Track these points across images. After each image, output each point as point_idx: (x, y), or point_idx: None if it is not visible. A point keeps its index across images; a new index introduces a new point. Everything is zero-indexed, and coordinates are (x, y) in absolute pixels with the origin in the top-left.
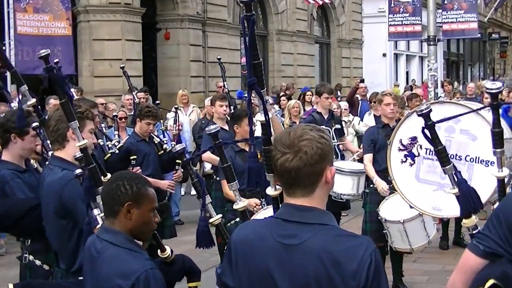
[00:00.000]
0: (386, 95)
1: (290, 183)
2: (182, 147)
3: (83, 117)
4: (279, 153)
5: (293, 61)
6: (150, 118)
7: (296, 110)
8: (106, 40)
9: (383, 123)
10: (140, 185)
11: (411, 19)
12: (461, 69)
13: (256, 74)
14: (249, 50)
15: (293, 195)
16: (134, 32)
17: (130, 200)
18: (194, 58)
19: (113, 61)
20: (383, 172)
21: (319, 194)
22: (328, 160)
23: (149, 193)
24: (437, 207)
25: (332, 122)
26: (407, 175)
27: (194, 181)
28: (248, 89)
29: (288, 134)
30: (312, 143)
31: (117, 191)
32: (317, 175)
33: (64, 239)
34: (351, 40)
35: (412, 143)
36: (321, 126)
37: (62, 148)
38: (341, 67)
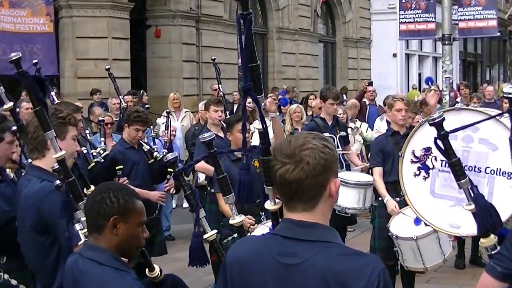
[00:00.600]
0: (398, 100)
1: (290, 196)
2: (174, 156)
3: (65, 122)
4: (279, 163)
5: (295, 61)
6: (139, 123)
7: (298, 115)
8: (90, 38)
9: (393, 130)
10: (127, 197)
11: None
12: (479, 70)
13: (253, 78)
14: (246, 52)
15: (294, 210)
16: (122, 29)
17: (116, 214)
18: (187, 58)
19: (98, 61)
20: (392, 184)
21: (322, 209)
22: (332, 171)
23: (137, 206)
24: (455, 224)
25: (337, 129)
26: (421, 190)
27: (187, 193)
28: (243, 95)
29: (289, 142)
30: (315, 152)
31: (102, 204)
32: (320, 188)
33: (42, 257)
34: (359, 39)
35: (426, 155)
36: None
37: (41, 157)
38: (347, 69)
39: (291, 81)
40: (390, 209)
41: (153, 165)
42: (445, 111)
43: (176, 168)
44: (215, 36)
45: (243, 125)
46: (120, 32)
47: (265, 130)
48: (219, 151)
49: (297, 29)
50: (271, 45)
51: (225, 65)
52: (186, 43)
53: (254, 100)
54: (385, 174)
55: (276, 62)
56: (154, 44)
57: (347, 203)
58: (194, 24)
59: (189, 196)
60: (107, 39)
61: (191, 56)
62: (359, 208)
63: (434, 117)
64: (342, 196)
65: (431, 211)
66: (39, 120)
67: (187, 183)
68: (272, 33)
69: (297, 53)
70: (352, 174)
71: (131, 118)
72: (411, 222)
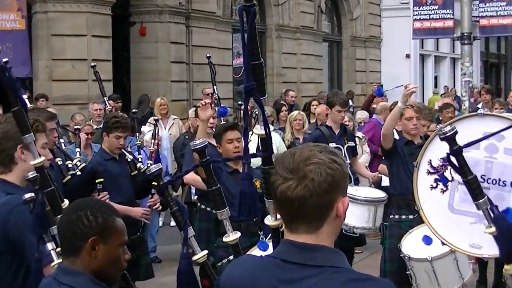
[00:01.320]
0: (408, 107)
1: (292, 216)
2: (158, 168)
3: (32, 130)
4: (280, 178)
5: (297, 63)
6: (119, 130)
7: (299, 123)
8: (67, 36)
9: (406, 140)
10: (107, 215)
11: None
12: (502, 73)
13: (256, 77)
14: (248, 49)
15: (295, 231)
16: (103, 26)
17: (94, 234)
18: (176, 59)
19: (77, 62)
20: (402, 198)
21: (327, 231)
22: (340, 189)
23: (117, 225)
24: (476, 244)
25: (345, 138)
26: (438, 204)
27: (173, 210)
28: (245, 96)
29: (292, 155)
30: (321, 168)
31: (78, 223)
32: (325, 208)
33: (7, 280)
34: (367, 38)
35: (444, 165)
36: (331, 144)
37: (8, 171)
38: (354, 71)
39: (292, 84)
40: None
41: (137, 177)
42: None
43: (160, 181)
44: (207, 35)
45: (245, 130)
46: (100, 30)
47: (268, 135)
48: (212, 159)
49: (298, 26)
50: (269, 45)
51: (218, 66)
52: (175, 42)
53: (257, 101)
54: (393, 186)
55: (276, 63)
56: (139, 43)
57: (355, 221)
58: (183, 21)
59: (175, 213)
60: (86, 37)
61: (180, 56)
62: (369, 227)
63: (445, 130)
64: (350, 214)
65: (449, 228)
66: (17, 121)
67: (173, 198)
68: (271, 31)
69: (299, 54)
70: (361, 189)
71: (109, 125)
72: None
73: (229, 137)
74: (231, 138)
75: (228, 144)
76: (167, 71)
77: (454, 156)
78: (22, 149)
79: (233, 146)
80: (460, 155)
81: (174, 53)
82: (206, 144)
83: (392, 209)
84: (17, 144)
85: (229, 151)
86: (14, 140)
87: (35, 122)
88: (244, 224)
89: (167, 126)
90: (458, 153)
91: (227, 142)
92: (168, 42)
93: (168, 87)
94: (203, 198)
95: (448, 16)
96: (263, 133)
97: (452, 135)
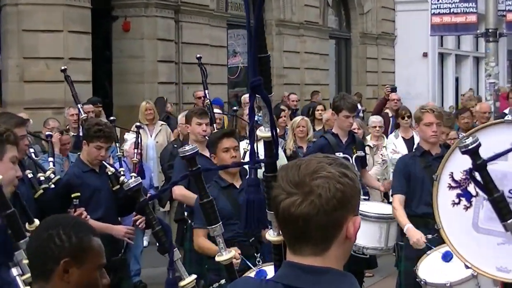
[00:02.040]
0: (427, 111)
1: (296, 237)
2: (137, 182)
3: (2, 140)
4: (283, 193)
5: (300, 62)
6: (101, 140)
7: (303, 131)
8: (41, 32)
9: (422, 150)
10: (82, 235)
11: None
12: None
13: (263, 72)
14: (254, 40)
15: (299, 253)
16: (81, 21)
17: (67, 255)
18: (164, 58)
19: (51, 61)
20: (422, 218)
21: (335, 253)
22: (351, 207)
23: (94, 245)
24: (504, 267)
25: (353, 147)
26: (461, 222)
27: (155, 230)
28: (250, 93)
29: (298, 167)
30: (330, 182)
31: (49, 243)
32: (334, 228)
33: None
34: (380, 35)
35: (468, 179)
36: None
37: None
38: (365, 72)
39: (294, 87)
40: (414, 240)
41: (119, 192)
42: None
43: (140, 197)
44: (199, 30)
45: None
46: (79, 25)
47: (274, 139)
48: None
49: (302, 22)
50: (269, 42)
51: (211, 66)
52: (163, 39)
53: (264, 99)
54: (412, 204)
55: (276, 63)
56: (122, 40)
57: (365, 241)
58: (172, 15)
59: (158, 233)
60: (63, 33)
61: (168, 55)
62: (381, 247)
63: (467, 143)
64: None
65: (473, 249)
66: None
67: (155, 216)
68: (271, 27)
69: (302, 52)
70: (371, 205)
71: (90, 133)
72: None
73: (225, 146)
74: (227, 146)
75: (223, 153)
76: (153, 72)
77: (478, 171)
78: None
79: (230, 155)
80: (484, 170)
81: (161, 51)
82: (196, 151)
83: None
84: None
85: (225, 161)
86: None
87: (6, 132)
88: (238, 245)
89: (153, 133)
90: (482, 168)
91: (223, 151)
92: (154, 39)
93: (154, 90)
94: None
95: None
96: (269, 135)
97: (474, 148)
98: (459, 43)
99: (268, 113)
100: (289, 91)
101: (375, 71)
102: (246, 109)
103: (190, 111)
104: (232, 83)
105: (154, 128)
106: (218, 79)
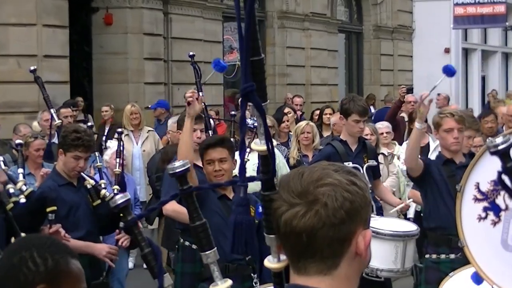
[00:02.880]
0: (446, 116)
1: (299, 253)
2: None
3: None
4: (285, 204)
5: (305, 59)
6: (79, 149)
7: (308, 138)
8: (11, 26)
9: (444, 158)
10: (58, 256)
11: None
12: None
13: (256, 77)
14: (245, 41)
15: (304, 272)
16: (57, 13)
17: (42, 281)
18: (151, 55)
19: (23, 58)
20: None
21: (346, 272)
22: (360, 219)
23: (72, 269)
24: None
25: (364, 156)
26: (488, 240)
27: (144, 252)
28: (241, 100)
29: (300, 175)
30: (337, 191)
31: (22, 268)
32: (342, 243)
33: None
34: (396, 28)
35: (496, 190)
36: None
37: None
38: (379, 70)
39: (299, 87)
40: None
41: (100, 208)
42: None
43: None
44: (191, 24)
45: (241, 143)
46: (54, 18)
47: (270, 152)
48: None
49: (307, 13)
50: (270, 36)
51: (204, 64)
52: (149, 33)
53: (257, 107)
54: (427, 218)
55: (278, 60)
56: (103, 34)
57: (379, 262)
58: (160, 6)
59: (147, 256)
60: (36, 27)
61: (156, 52)
62: (397, 269)
63: (496, 142)
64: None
65: (502, 270)
66: None
67: (144, 237)
68: (272, 20)
69: (308, 48)
70: (385, 221)
71: (67, 142)
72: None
73: (208, 158)
74: (210, 158)
75: (207, 165)
76: (139, 71)
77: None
78: None
79: (213, 168)
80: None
81: (148, 47)
82: (187, 167)
83: (428, 246)
84: None
85: (209, 175)
86: None
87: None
88: (233, 266)
89: (139, 140)
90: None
91: (207, 163)
92: (140, 33)
93: (140, 91)
94: (187, 233)
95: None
96: (264, 148)
97: (506, 148)
98: (486, 37)
99: (262, 123)
100: (293, 91)
101: (390, 69)
102: None
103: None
104: (229, 84)
105: (141, 135)
106: (212, 79)
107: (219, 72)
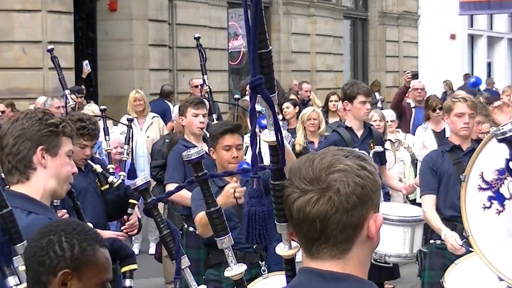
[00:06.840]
0: (459, 100)
1: (312, 239)
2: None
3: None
4: (297, 191)
5: (310, 46)
6: (85, 137)
7: (314, 124)
8: (15, 12)
9: (452, 144)
10: (86, 244)
11: None
12: None
13: (264, 70)
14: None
15: (317, 257)
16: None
17: (67, 266)
18: (156, 41)
19: (28, 45)
20: (449, 221)
21: (357, 256)
22: (372, 203)
23: (98, 258)
24: None
25: (370, 142)
26: (492, 228)
27: (163, 234)
28: (251, 93)
29: (311, 162)
30: (348, 176)
31: (48, 251)
32: (354, 227)
33: None
34: (401, 14)
35: (500, 179)
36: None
37: (24, 180)
38: (384, 56)
39: (304, 74)
40: (450, 244)
41: (108, 194)
42: None
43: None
44: (196, 10)
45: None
46: (59, 4)
47: (280, 143)
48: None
49: (313, 0)
50: (275, 23)
51: (209, 51)
52: (154, 19)
53: (266, 100)
54: (438, 206)
55: (283, 47)
56: (108, 21)
57: (387, 247)
58: None
59: (166, 238)
60: (40, 14)
61: (161, 38)
62: (405, 254)
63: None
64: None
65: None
66: None
67: (163, 219)
68: (277, 6)
69: (313, 34)
70: (393, 206)
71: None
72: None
73: (226, 143)
74: (229, 144)
75: (224, 151)
76: (143, 57)
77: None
78: (43, 152)
79: (231, 155)
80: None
81: (153, 33)
82: (202, 155)
83: (433, 232)
84: (37, 145)
85: (224, 161)
86: (34, 140)
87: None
88: (240, 253)
89: (143, 126)
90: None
91: (224, 149)
92: (145, 19)
93: (145, 77)
94: (191, 218)
95: None
96: (273, 139)
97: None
98: (492, 23)
99: (271, 114)
100: (298, 78)
101: (395, 55)
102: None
103: (185, 102)
104: (234, 70)
105: (145, 121)
106: (218, 66)
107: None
